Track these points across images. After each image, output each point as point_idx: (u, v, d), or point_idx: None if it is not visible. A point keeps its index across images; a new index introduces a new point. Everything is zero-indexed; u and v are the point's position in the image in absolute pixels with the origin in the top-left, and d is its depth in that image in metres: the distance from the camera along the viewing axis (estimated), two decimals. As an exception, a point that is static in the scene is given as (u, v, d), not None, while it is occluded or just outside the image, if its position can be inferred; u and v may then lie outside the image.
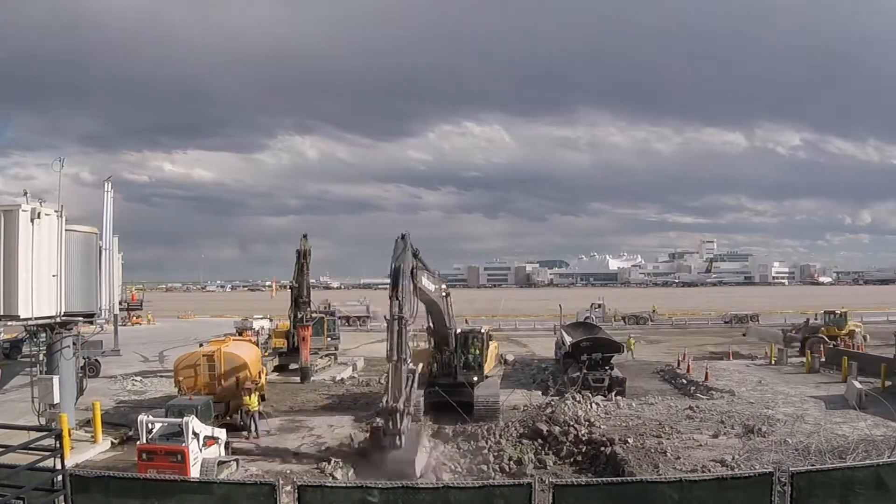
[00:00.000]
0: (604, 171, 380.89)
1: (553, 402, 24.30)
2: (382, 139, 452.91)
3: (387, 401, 17.22)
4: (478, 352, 25.60)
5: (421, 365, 21.16)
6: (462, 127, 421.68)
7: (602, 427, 21.41)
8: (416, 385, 18.32)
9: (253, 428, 21.01)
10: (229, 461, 16.74)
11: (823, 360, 34.23)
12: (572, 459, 19.13)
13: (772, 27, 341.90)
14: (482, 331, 26.65)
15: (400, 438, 16.79)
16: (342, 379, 32.50)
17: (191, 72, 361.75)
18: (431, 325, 24.54)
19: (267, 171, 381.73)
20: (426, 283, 20.97)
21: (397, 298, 18.18)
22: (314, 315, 34.94)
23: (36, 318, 18.84)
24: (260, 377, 24.43)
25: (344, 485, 12.77)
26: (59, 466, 10.57)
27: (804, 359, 34.25)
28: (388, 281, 18.93)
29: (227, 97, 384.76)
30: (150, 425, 15.67)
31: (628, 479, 15.01)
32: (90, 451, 19.25)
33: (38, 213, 18.38)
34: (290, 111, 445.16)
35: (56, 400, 19.21)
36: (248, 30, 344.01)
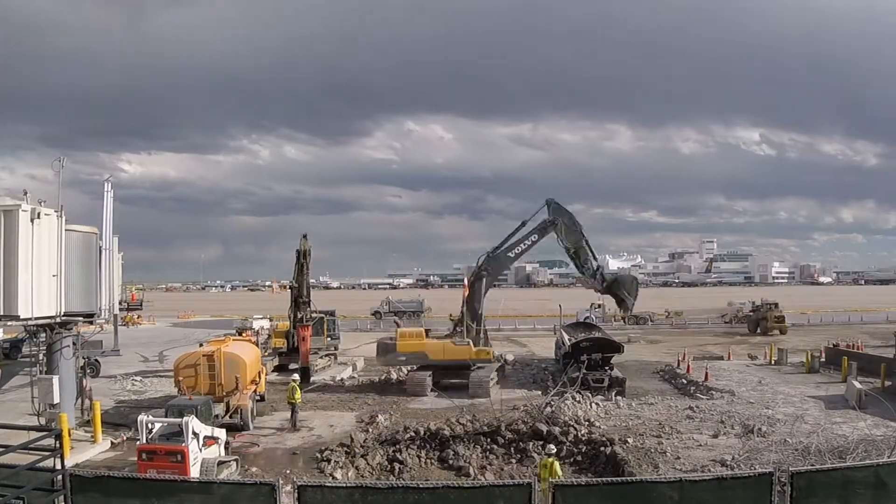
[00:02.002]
0: (567, 171, 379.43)
1: (553, 402, 24.31)
2: (340, 140, 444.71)
3: None
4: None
5: None
6: (416, 126, 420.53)
7: (602, 427, 21.42)
8: None
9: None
10: (229, 461, 16.74)
11: (823, 360, 34.24)
12: (572, 459, 19.12)
13: (708, 23, 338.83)
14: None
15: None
16: (342, 379, 32.49)
17: (140, 76, 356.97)
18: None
19: (233, 171, 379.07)
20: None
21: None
22: (314, 315, 34.94)
23: (36, 318, 18.84)
24: (260, 377, 24.45)
25: (344, 485, 12.75)
26: (59, 466, 10.56)
27: (804, 359, 34.31)
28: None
29: (179, 103, 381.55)
30: (150, 425, 15.68)
31: (628, 479, 15.02)
32: (90, 451, 19.25)
33: (38, 214, 18.38)
34: (243, 114, 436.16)
35: (56, 400, 19.20)
36: (184, 36, 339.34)
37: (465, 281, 30.02)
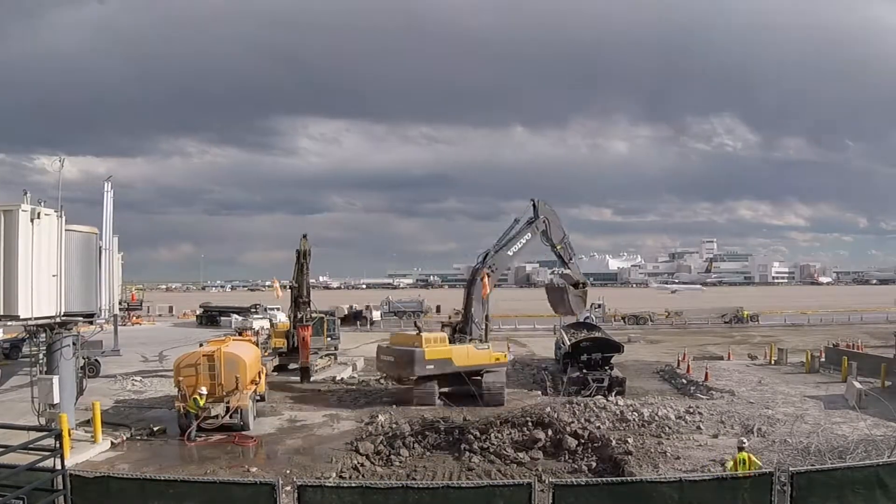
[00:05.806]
0: (498, 171, 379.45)
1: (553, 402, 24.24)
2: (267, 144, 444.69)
3: None
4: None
5: None
6: (329, 129, 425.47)
7: (602, 427, 21.38)
8: None
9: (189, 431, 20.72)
10: None
11: (823, 360, 34.24)
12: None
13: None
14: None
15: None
16: (342, 379, 32.51)
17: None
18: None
19: (190, 172, 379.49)
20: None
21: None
22: (314, 315, 34.95)
23: (36, 318, 18.80)
24: (260, 377, 24.45)
25: (344, 484, 12.76)
26: (59, 466, 10.57)
27: (804, 359, 34.33)
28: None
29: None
30: None
31: (628, 479, 15.01)
32: (90, 451, 19.25)
33: (38, 214, 18.35)
34: (161, 119, 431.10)
35: (56, 400, 19.19)
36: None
37: (485, 280, 27.86)
